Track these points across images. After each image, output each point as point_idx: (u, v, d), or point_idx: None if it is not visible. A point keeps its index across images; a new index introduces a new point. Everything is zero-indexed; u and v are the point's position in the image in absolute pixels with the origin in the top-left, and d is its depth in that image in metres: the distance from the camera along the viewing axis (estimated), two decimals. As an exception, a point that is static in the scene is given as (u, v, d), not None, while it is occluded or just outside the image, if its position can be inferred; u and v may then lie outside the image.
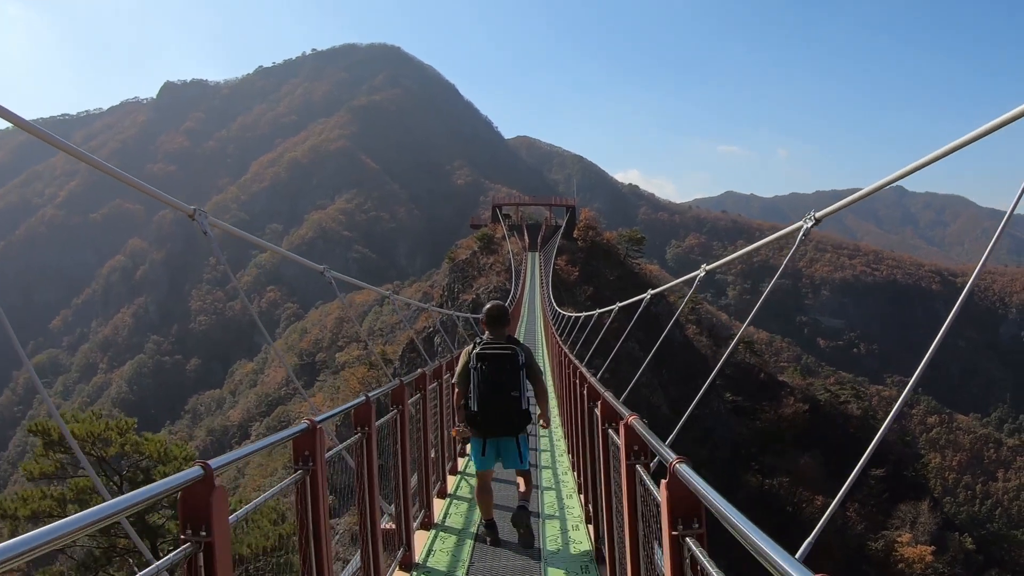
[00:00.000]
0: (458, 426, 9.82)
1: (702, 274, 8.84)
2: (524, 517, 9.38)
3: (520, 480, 9.60)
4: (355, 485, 7.15)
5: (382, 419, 8.41)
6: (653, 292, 12.85)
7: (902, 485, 74.52)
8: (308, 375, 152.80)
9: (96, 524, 2.82)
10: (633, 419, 5.52)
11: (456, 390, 9.52)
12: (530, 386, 9.37)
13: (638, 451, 5.46)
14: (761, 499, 61.31)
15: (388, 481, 8.91)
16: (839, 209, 6.22)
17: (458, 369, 9.45)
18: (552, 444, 16.13)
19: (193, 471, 3.54)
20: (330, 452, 6.05)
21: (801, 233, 6.26)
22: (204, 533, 3.59)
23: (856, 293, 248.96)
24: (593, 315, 23.50)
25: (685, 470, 3.64)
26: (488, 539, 9.61)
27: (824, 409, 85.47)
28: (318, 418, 5.51)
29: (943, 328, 4.79)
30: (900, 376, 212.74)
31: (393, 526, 8.69)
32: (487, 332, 9.48)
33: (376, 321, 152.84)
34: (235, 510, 4.28)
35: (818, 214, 6.09)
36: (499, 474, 10.37)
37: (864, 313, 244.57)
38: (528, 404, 9.26)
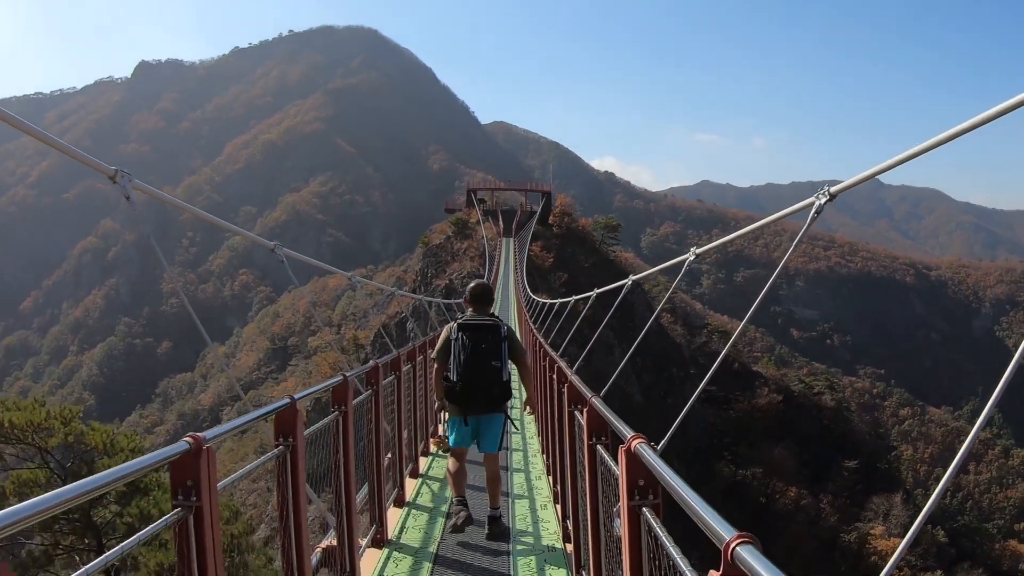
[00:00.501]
0: (437, 436, 10.62)
1: (691, 258, 8.05)
2: (498, 528, 9.25)
3: (488, 476, 9.40)
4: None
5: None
6: (635, 279, 11.77)
7: (875, 477, 74.42)
8: (280, 359, 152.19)
9: (94, 492, 2.99)
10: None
11: (436, 364, 9.29)
12: (512, 366, 9.24)
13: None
14: (735, 489, 61.03)
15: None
16: (855, 184, 5.55)
17: (439, 343, 9.25)
18: (523, 427, 16.04)
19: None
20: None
21: (813, 210, 5.66)
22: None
23: (830, 284, 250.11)
24: (568, 302, 22.37)
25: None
26: (461, 519, 9.10)
27: (798, 400, 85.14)
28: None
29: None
30: (873, 368, 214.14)
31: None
32: (470, 310, 9.34)
33: (349, 306, 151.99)
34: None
35: (833, 189, 5.49)
36: (470, 455, 9.81)
37: (838, 304, 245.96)
38: (509, 378, 9.11)
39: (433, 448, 13.82)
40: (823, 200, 5.50)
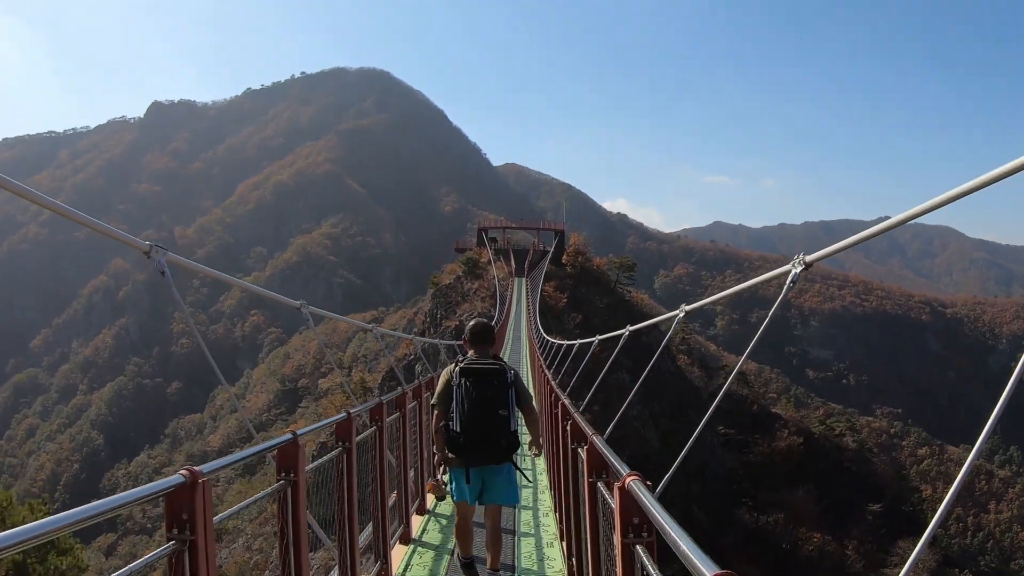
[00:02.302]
0: (434, 479, 9.56)
1: (681, 315, 7.94)
2: None
3: (488, 534, 8.63)
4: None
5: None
6: (632, 329, 11.46)
7: (900, 520, 72.66)
8: (290, 401, 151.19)
9: (86, 521, 3.01)
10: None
11: (436, 411, 8.49)
12: (519, 413, 8.51)
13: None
14: (757, 536, 59.19)
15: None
16: (829, 255, 5.70)
17: (439, 388, 8.44)
18: (533, 463, 16.19)
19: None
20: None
21: (790, 279, 5.75)
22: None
23: (845, 324, 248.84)
24: (575, 344, 22.55)
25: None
26: None
27: (818, 442, 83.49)
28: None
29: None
30: (889, 407, 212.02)
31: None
32: (471, 351, 8.52)
33: (360, 348, 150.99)
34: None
35: (808, 258, 5.70)
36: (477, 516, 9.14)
37: (853, 344, 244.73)
38: (517, 426, 8.30)
39: (430, 502, 12.77)
40: (799, 268, 5.63)
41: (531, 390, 29.41)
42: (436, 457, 8.90)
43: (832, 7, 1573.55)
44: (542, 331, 42.67)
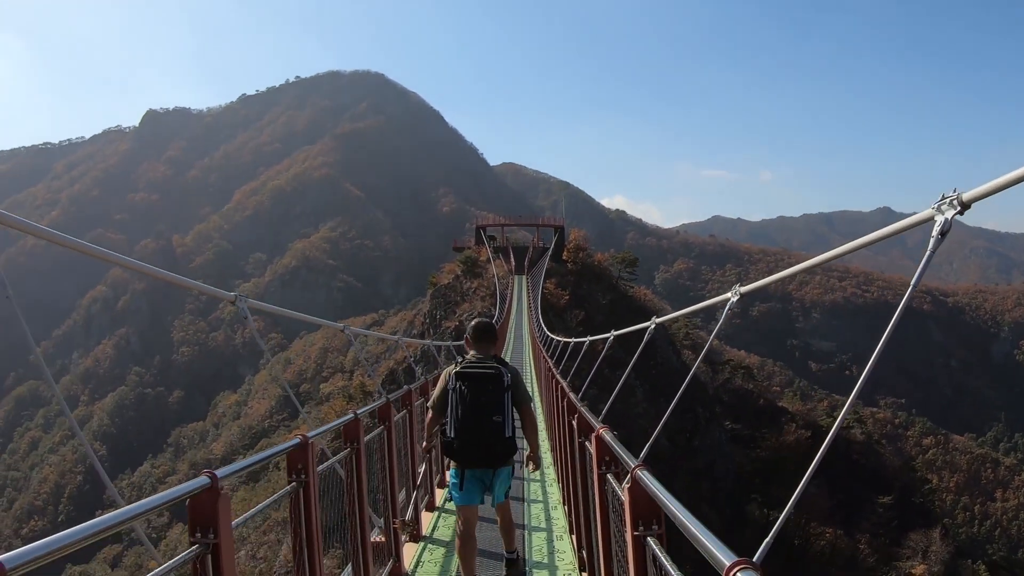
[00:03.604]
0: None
1: (735, 298, 6.71)
2: (515, 571, 8.84)
3: (500, 523, 8.77)
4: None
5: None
6: (659, 320, 10.22)
7: (910, 512, 71.89)
8: (292, 406, 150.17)
9: (113, 528, 3.11)
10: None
11: (431, 414, 8.41)
12: (517, 416, 8.27)
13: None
14: (768, 532, 58.16)
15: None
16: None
17: (436, 391, 8.36)
18: (543, 475, 15.78)
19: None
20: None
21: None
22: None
23: (847, 315, 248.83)
24: (584, 342, 20.76)
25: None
26: None
27: (826, 435, 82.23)
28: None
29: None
30: (893, 398, 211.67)
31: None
32: (472, 351, 8.38)
33: (362, 351, 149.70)
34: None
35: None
36: (483, 512, 8.90)
37: (855, 335, 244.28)
38: (513, 432, 8.09)
39: (439, 499, 12.82)
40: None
41: (535, 390, 28.78)
42: (424, 445, 9.09)
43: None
44: (545, 329, 41.80)
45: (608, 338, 14.05)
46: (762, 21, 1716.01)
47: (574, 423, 8.36)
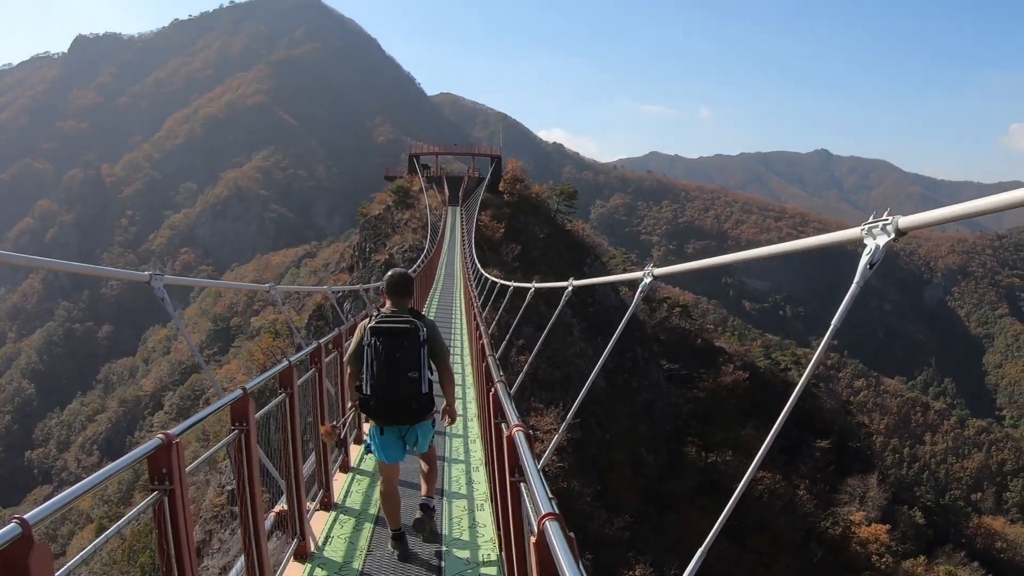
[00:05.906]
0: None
1: (648, 279, 6.77)
2: (427, 522, 8.45)
3: (423, 468, 8.65)
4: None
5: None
6: (576, 284, 10.38)
7: (848, 456, 71.43)
8: (223, 341, 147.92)
9: (81, 498, 3.60)
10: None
11: (348, 369, 8.16)
12: (434, 368, 8.13)
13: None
14: (705, 475, 57.03)
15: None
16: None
17: (351, 346, 8.16)
18: (465, 406, 15.80)
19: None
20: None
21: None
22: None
23: (782, 256, 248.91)
24: (510, 287, 21.34)
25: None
26: (396, 552, 8.24)
27: (763, 376, 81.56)
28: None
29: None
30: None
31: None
32: (387, 303, 8.18)
33: (293, 283, 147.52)
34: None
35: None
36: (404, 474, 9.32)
37: (790, 276, 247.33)
38: (431, 388, 7.94)
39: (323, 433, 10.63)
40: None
41: (463, 335, 26.87)
42: (349, 405, 8.77)
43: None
44: (478, 264, 39.21)
45: (530, 288, 13.99)
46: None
47: (483, 369, 8.69)
